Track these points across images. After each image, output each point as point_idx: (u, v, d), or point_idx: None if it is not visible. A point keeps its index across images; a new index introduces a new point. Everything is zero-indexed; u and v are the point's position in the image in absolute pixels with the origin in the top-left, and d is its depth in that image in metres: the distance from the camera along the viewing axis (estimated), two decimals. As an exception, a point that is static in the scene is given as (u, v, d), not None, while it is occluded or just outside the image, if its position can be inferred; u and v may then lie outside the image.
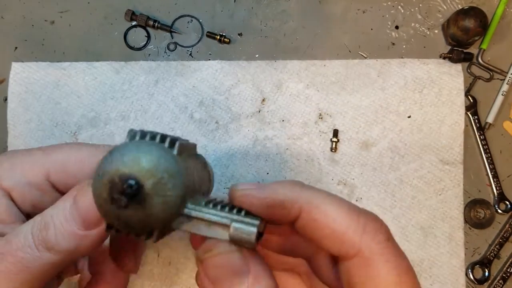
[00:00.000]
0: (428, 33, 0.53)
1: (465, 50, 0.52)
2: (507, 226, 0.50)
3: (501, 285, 0.50)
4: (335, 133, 0.51)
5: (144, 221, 0.25)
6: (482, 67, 0.53)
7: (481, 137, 0.52)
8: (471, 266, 0.50)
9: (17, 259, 0.28)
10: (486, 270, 0.49)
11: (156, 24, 0.53)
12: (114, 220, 0.26)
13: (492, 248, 0.50)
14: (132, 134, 0.27)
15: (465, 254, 0.49)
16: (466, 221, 0.50)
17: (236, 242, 0.27)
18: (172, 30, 0.53)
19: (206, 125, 0.52)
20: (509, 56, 0.53)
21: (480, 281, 0.49)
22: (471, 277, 0.49)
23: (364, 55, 0.53)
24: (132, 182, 0.24)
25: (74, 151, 0.34)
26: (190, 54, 0.54)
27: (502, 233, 0.50)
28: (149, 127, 0.51)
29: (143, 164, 0.24)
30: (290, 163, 0.51)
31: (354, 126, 0.51)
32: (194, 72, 0.52)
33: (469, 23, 0.49)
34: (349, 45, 0.53)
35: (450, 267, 0.49)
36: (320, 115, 0.51)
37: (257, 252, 0.28)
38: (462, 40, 0.51)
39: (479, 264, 0.50)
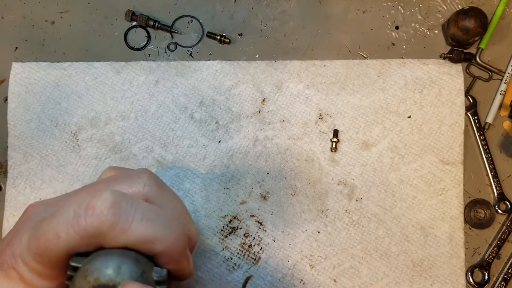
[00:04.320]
0: (428, 33, 0.53)
1: (465, 50, 0.52)
2: (504, 227, 0.50)
3: (503, 287, 0.49)
4: (335, 133, 0.51)
5: None
6: (480, 67, 0.53)
7: (481, 137, 0.52)
8: (471, 269, 0.50)
9: None
10: (486, 273, 0.49)
11: (156, 24, 0.53)
12: None
13: (491, 249, 0.50)
14: None
15: (465, 254, 0.49)
16: (466, 221, 0.50)
17: None
18: (172, 30, 0.54)
19: (206, 125, 0.52)
20: (509, 56, 0.53)
21: (480, 284, 0.49)
22: (471, 280, 0.49)
23: (364, 55, 0.53)
24: None
25: None
26: (190, 54, 0.54)
27: (500, 234, 0.50)
28: (149, 127, 0.51)
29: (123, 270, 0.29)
30: (290, 163, 0.51)
31: (354, 126, 0.51)
32: (194, 72, 0.52)
33: (469, 23, 0.49)
34: (349, 45, 0.53)
35: (450, 267, 0.49)
36: (320, 115, 0.52)
37: None
38: (462, 40, 0.51)
39: (479, 267, 0.50)
